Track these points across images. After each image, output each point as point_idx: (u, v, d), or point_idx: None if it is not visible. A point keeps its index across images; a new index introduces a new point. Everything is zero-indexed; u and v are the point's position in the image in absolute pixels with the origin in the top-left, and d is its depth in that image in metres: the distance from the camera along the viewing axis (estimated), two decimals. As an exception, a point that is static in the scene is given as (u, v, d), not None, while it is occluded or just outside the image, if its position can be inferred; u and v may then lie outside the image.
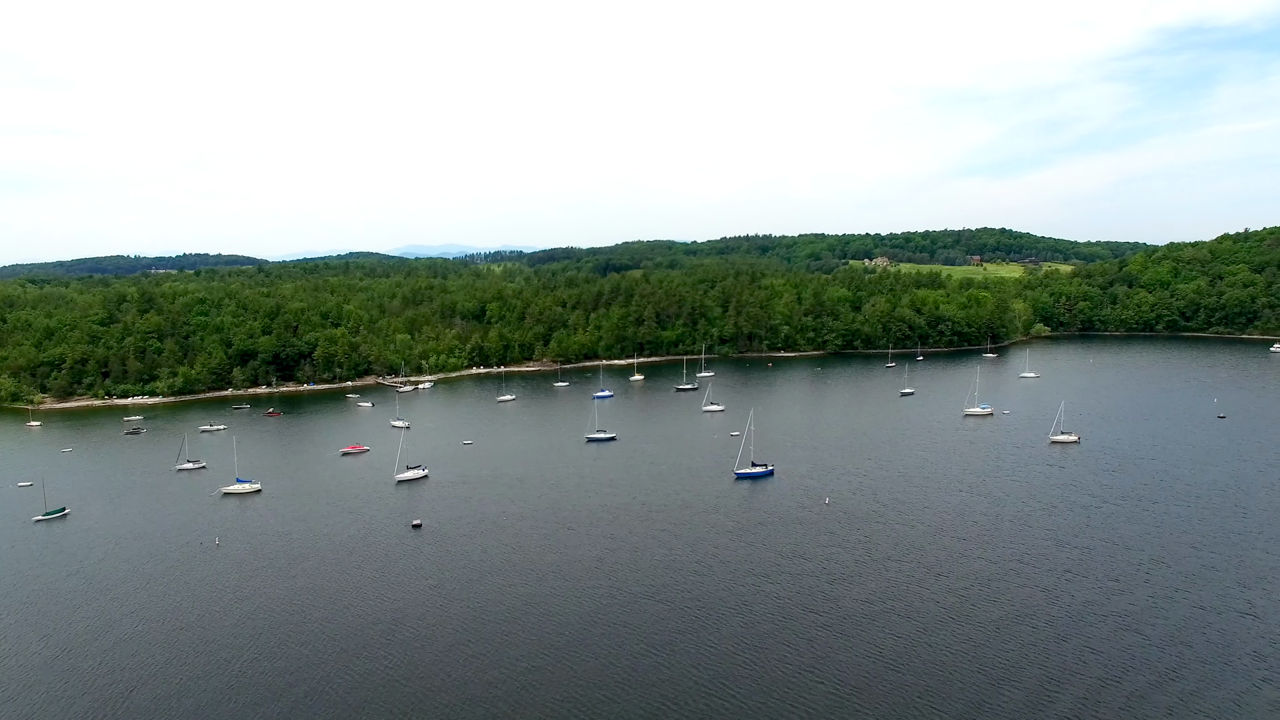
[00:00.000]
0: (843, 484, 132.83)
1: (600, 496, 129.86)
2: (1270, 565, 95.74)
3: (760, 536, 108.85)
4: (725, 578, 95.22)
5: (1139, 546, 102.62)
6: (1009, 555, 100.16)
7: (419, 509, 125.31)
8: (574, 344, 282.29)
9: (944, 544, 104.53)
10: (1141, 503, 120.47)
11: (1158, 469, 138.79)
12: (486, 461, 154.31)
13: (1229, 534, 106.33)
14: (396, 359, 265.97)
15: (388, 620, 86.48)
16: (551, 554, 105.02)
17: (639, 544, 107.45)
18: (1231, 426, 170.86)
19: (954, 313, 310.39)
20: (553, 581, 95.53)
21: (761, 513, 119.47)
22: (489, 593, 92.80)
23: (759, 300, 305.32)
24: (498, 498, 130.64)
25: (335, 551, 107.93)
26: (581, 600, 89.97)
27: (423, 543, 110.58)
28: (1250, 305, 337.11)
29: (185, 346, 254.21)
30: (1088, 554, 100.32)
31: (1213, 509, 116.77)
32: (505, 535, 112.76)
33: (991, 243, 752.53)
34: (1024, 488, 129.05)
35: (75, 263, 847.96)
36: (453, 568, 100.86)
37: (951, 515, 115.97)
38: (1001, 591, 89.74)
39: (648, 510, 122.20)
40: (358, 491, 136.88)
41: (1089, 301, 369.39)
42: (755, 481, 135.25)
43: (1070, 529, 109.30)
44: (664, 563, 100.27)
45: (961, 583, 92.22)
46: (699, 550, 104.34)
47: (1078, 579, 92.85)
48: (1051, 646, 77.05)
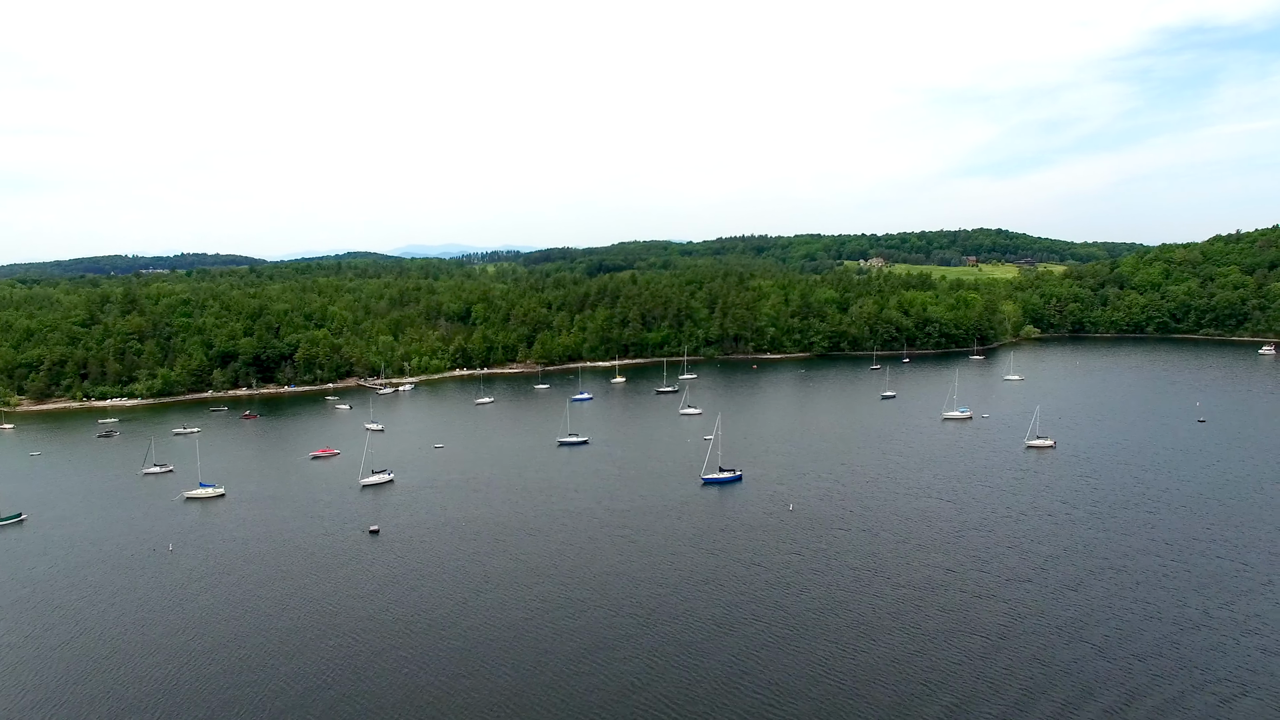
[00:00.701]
0: (812, 489, 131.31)
1: (565, 501, 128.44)
2: (1224, 571, 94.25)
3: (718, 543, 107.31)
4: (674, 585, 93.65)
5: (1100, 554, 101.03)
6: (966, 563, 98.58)
7: (379, 514, 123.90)
8: (558, 346, 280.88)
9: (903, 552, 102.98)
10: (1110, 509, 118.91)
11: (1130, 475, 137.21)
12: (456, 465, 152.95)
13: (1191, 541, 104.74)
14: (379, 361, 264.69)
15: (320, 626, 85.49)
16: (504, 560, 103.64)
17: (594, 550, 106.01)
18: (1210, 430, 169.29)
19: (941, 314, 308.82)
20: (498, 588, 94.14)
21: (724, 519, 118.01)
22: (429, 599, 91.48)
23: (745, 302, 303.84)
24: (461, 502, 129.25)
25: (287, 557, 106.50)
26: (521, 607, 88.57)
27: (378, 549, 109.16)
28: (1240, 307, 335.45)
29: (166, 348, 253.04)
30: (1047, 561, 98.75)
31: (1178, 515, 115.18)
32: (462, 541, 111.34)
33: (987, 243, 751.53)
34: (993, 494, 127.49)
35: (72, 262, 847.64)
36: (402, 574, 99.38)
37: (916, 522, 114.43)
38: (952, 600, 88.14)
39: (610, 515, 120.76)
40: (321, 496, 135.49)
41: (1080, 303, 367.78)
42: (723, 487, 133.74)
43: (1033, 536, 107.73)
44: (614, 570, 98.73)
45: (913, 592, 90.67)
46: (653, 557, 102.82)
47: (1031, 587, 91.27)
48: (989, 656, 75.47)
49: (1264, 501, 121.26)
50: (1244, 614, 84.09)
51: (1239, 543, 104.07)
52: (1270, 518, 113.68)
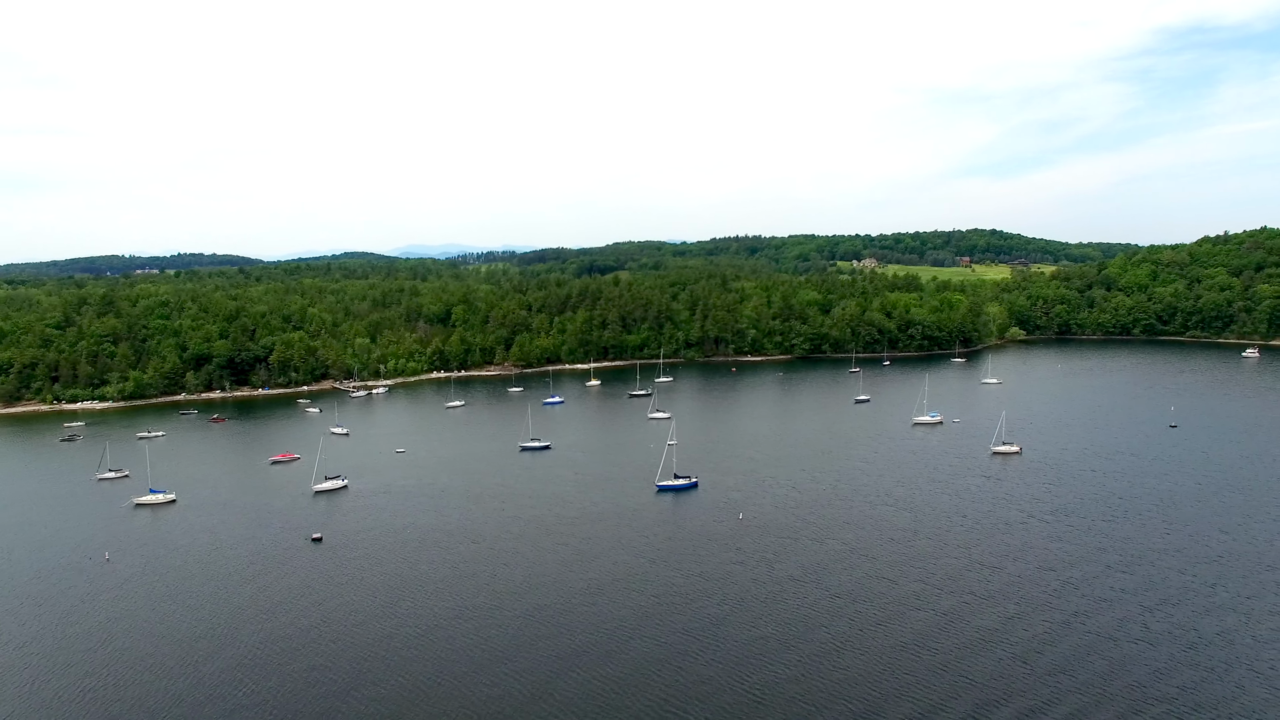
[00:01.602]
0: (768, 497, 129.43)
1: (517, 508, 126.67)
2: (1181, 585, 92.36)
3: (662, 553, 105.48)
4: (611, 596, 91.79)
5: (1053, 566, 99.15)
6: (909, 573, 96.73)
7: (327, 521, 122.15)
8: (536, 348, 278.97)
9: (850, 563, 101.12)
10: (1069, 518, 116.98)
11: (1093, 481, 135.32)
12: (414, 471, 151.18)
13: (1148, 552, 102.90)
14: (355, 363, 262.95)
15: (235, 635, 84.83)
16: (443, 569, 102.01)
17: (536, 560, 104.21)
18: (1181, 436, 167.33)
19: (925, 316, 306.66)
20: (428, 597, 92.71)
21: (672, 527, 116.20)
22: (354, 608, 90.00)
23: (726, 304, 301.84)
24: (412, 510, 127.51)
25: (226, 566, 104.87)
26: (448, 620, 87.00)
27: (316, 556, 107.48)
28: (1226, 309, 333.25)
29: (141, 350, 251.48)
30: (998, 575, 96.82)
31: (1138, 525, 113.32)
32: (404, 549, 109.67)
33: (981, 244, 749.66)
34: (952, 502, 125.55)
35: (69, 262, 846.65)
36: (335, 582, 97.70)
37: (869, 532, 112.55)
38: (895, 617, 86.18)
39: (560, 523, 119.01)
40: (273, 502, 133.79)
41: (1066, 305, 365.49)
42: (678, 494, 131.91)
43: (988, 548, 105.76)
44: (552, 580, 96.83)
45: (855, 606, 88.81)
46: (593, 567, 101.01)
47: (980, 602, 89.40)
48: (929, 678, 73.52)
49: (1221, 508, 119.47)
50: (1179, 625, 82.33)
51: (1190, 552, 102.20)
52: (1225, 524, 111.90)
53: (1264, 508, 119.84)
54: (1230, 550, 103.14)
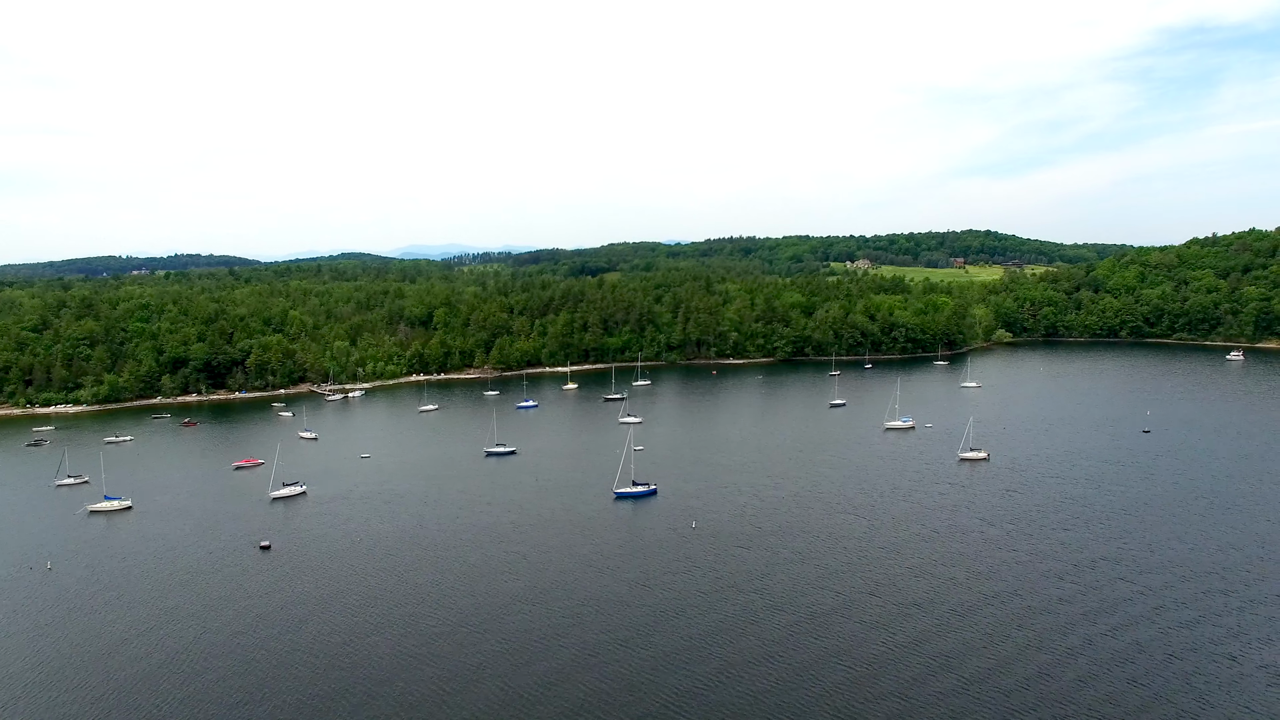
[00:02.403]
0: (728, 504, 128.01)
1: (473, 515, 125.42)
2: (1120, 596, 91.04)
3: (612, 563, 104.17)
4: (550, 608, 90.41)
5: (1001, 576, 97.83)
6: (861, 587, 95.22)
7: (279, 528, 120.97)
8: (516, 351, 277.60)
9: (798, 572, 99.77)
10: (1027, 526, 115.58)
11: (1058, 489, 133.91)
12: (376, 476, 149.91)
13: (1098, 561, 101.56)
14: (333, 366, 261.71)
15: (150, 644, 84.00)
16: (389, 578, 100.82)
17: (483, 569, 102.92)
18: (1152, 441, 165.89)
19: (909, 319, 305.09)
20: (356, 607, 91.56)
21: (625, 535, 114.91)
22: (291, 618, 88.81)
23: (709, 306, 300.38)
24: (367, 516, 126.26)
25: (168, 574, 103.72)
26: (372, 629, 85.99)
27: (263, 565, 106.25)
28: (1213, 311, 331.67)
29: (118, 353, 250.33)
30: (943, 585, 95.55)
31: (1093, 533, 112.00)
32: (353, 557, 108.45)
33: (976, 245, 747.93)
34: (913, 510, 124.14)
35: (65, 263, 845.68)
36: (272, 591, 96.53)
37: (823, 540, 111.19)
38: (831, 627, 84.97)
39: (513, 530, 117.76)
40: (230, 508, 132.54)
41: (1054, 307, 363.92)
42: (636, 501, 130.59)
43: (939, 557, 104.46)
44: (496, 591, 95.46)
45: (795, 617, 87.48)
46: (540, 577, 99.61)
47: (919, 612, 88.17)
48: (848, 691, 72.25)
49: (1179, 516, 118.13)
50: (1126, 642, 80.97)
51: (1145, 563, 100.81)
52: (1183, 534, 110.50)
53: (1223, 515, 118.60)
54: (1179, 559, 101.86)
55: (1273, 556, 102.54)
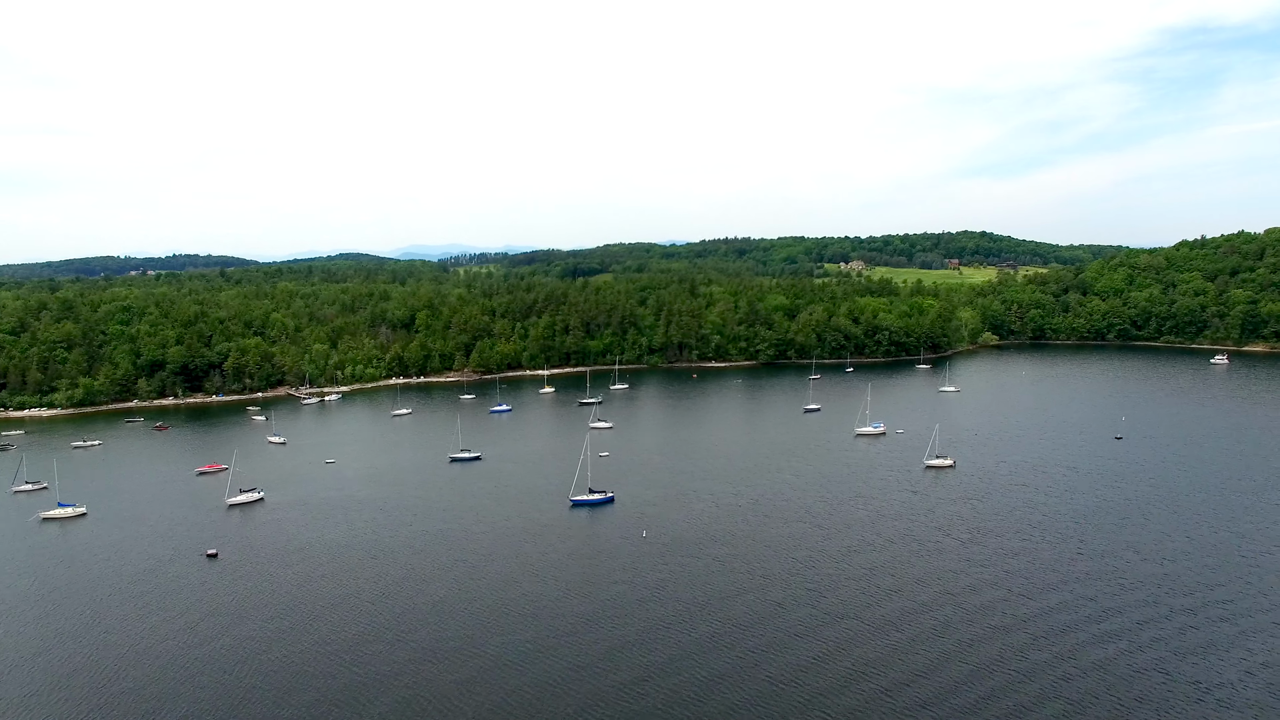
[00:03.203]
0: (685, 513, 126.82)
1: (428, 522, 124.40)
2: (1060, 607, 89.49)
3: (557, 573, 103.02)
4: (483, 619, 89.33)
5: (947, 587, 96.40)
6: (800, 597, 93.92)
7: (230, 536, 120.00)
8: (496, 354, 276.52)
9: (742, 583, 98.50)
10: (983, 536, 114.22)
11: (1021, 497, 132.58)
12: (338, 482, 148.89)
13: (1044, 572, 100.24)
14: (312, 369, 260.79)
15: (82, 657, 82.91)
16: (332, 587, 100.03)
17: (427, 578, 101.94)
18: (1124, 448, 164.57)
19: (892, 322, 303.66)
20: (286, 616, 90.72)
21: (576, 543, 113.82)
22: (211, 629, 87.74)
23: (691, 309, 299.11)
24: (322, 523, 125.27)
25: (111, 583, 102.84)
26: (303, 639, 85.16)
27: (207, 574, 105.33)
28: (1200, 314, 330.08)
29: (96, 356, 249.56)
30: (887, 594, 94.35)
31: (1050, 545, 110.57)
32: (302, 565, 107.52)
33: (971, 246, 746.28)
34: (870, 519, 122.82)
35: (63, 263, 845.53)
36: (207, 600, 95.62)
37: (774, 549, 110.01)
38: (764, 639, 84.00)
39: (466, 539, 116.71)
40: (186, 515, 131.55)
41: (1041, 309, 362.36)
42: (593, 509, 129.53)
43: (888, 567, 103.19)
44: (434, 602, 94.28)
45: (729, 628, 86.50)
46: (481, 586, 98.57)
47: (852, 624, 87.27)
48: (768, 704, 71.25)
49: (1140, 528, 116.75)
50: (1050, 654, 79.68)
51: (1091, 574, 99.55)
52: (1137, 543, 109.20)
53: (1184, 527, 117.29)
54: (1126, 569, 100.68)
55: (1221, 566, 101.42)
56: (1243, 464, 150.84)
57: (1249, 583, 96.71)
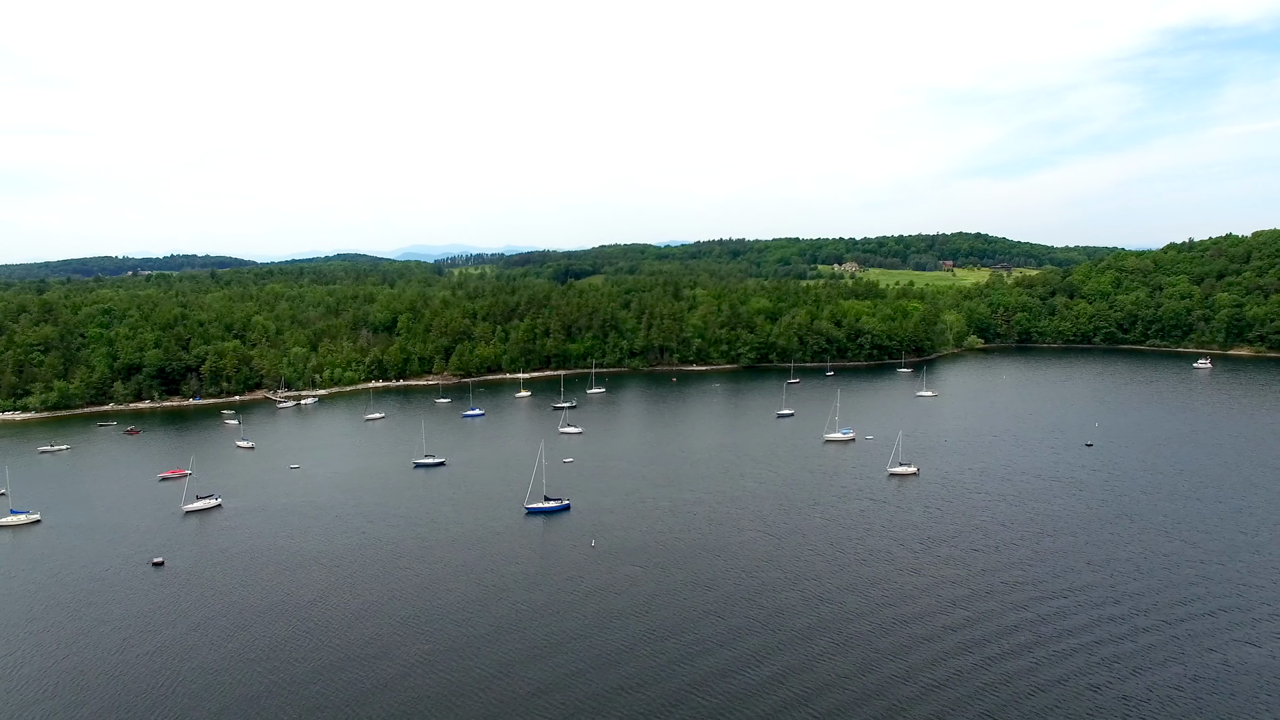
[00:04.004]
0: (641, 521, 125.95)
1: (381, 529, 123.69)
2: (1006, 624, 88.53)
3: (499, 580, 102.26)
4: (400, 626, 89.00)
5: (876, 598, 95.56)
6: (741, 611, 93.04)
7: (182, 544, 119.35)
8: (476, 357, 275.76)
9: (680, 594, 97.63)
10: (934, 546, 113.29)
11: (982, 506, 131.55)
12: (300, 489, 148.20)
13: (994, 586, 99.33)
14: (290, 373, 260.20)
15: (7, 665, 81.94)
16: (266, 595, 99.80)
17: (371, 585, 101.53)
18: (1093, 455, 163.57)
19: (875, 326, 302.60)
20: (215, 628, 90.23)
21: (525, 551, 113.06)
22: (143, 642, 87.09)
23: (673, 312, 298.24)
24: (277, 531, 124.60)
25: (52, 592, 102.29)
26: (225, 647, 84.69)
27: (150, 583, 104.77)
28: (1186, 318, 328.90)
29: (74, 359, 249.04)
30: (819, 602, 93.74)
31: (999, 555, 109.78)
32: (246, 573, 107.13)
33: (965, 247, 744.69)
34: (825, 529, 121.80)
35: (61, 264, 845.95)
36: (150, 611, 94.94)
37: (722, 560, 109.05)
38: (665, 648, 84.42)
39: (416, 546, 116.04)
40: (140, 523, 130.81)
41: (1027, 312, 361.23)
42: (548, 517, 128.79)
43: (827, 577, 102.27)
44: (360, 608, 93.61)
45: (637, 637, 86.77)
46: (422, 596, 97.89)
47: (764, 630, 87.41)
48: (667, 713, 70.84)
49: (1098, 537, 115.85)
50: (996, 674, 78.72)
51: (1042, 589, 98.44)
52: (1092, 555, 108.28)
53: (1139, 535, 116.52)
54: (1079, 584, 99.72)
55: (1174, 580, 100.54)
56: (1209, 471, 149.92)
57: (1192, 595, 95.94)
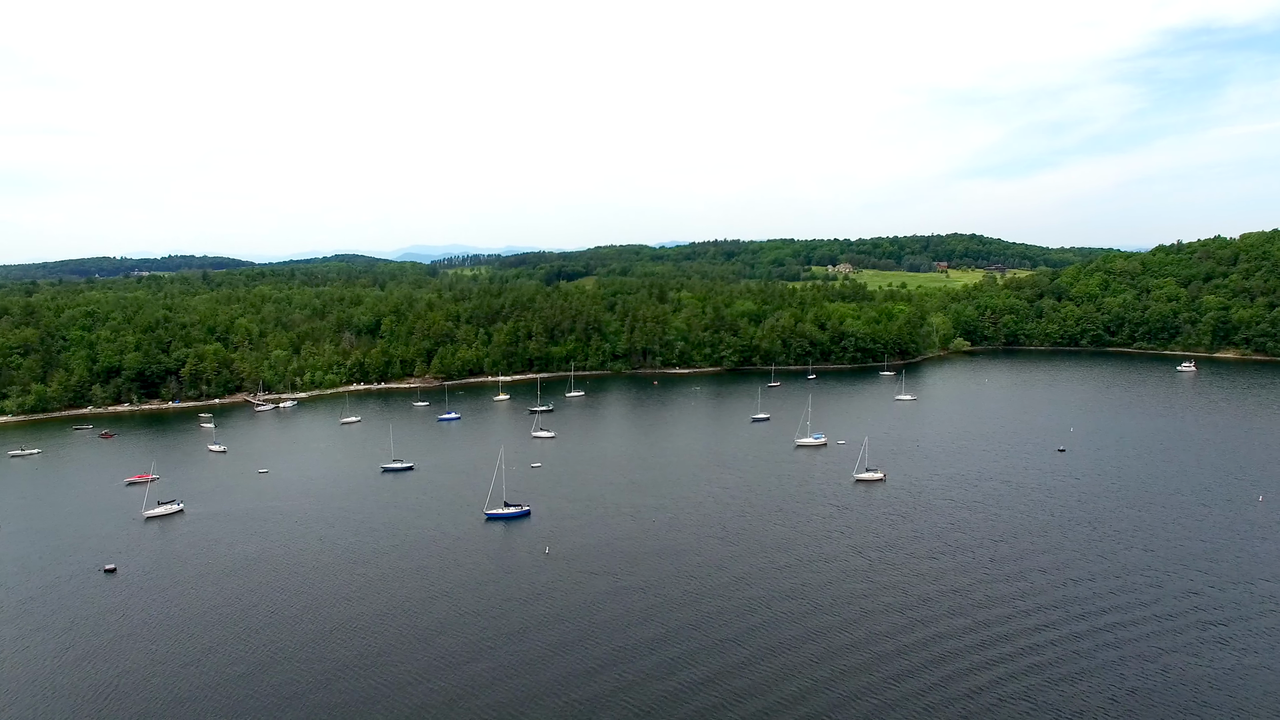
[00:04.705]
0: (599, 528, 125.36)
1: (340, 535, 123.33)
2: (950, 634, 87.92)
3: (448, 588, 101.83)
4: (356, 634, 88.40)
5: (826, 610, 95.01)
6: (671, 613, 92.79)
7: (138, 550, 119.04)
8: (458, 360, 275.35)
9: (616, 595, 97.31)
10: (894, 555, 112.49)
11: (945, 513, 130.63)
12: (265, 493, 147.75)
13: (944, 595, 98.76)
14: (271, 376, 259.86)
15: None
16: (218, 601, 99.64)
17: (322, 592, 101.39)
18: (1065, 461, 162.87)
19: (860, 328, 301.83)
20: (162, 638, 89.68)
21: (480, 559, 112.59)
22: (86, 652, 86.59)
23: (657, 315, 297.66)
24: (237, 536, 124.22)
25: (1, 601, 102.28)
26: (169, 661, 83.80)
27: (100, 590, 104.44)
28: (1172, 320, 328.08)
29: (54, 362, 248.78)
30: (768, 603, 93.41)
31: (956, 563, 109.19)
32: (199, 580, 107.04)
33: (960, 249, 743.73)
34: (784, 535, 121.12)
35: (58, 264, 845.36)
36: (96, 619, 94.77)
37: (677, 566, 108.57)
38: (594, 651, 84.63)
39: (374, 553, 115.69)
40: (100, 529, 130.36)
41: (1015, 315, 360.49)
42: (508, 523, 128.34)
43: (786, 588, 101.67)
44: (304, 615, 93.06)
45: (563, 644, 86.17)
46: (366, 601, 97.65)
47: (698, 633, 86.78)
48: None
49: (1056, 545, 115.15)
50: (924, 682, 78.12)
51: (992, 598, 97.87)
52: (1048, 564, 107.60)
53: (1097, 543, 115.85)
54: (1029, 591, 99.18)
55: (1123, 589, 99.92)
56: (1176, 478, 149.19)
57: (1137, 603, 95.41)
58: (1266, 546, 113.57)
